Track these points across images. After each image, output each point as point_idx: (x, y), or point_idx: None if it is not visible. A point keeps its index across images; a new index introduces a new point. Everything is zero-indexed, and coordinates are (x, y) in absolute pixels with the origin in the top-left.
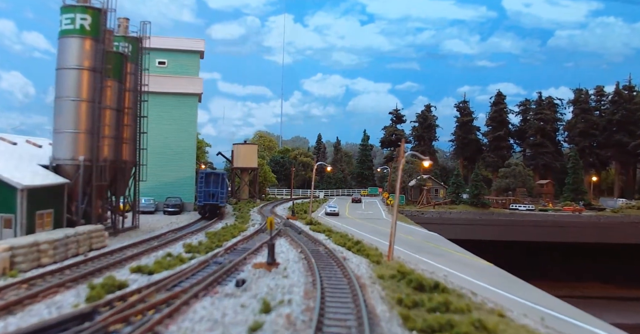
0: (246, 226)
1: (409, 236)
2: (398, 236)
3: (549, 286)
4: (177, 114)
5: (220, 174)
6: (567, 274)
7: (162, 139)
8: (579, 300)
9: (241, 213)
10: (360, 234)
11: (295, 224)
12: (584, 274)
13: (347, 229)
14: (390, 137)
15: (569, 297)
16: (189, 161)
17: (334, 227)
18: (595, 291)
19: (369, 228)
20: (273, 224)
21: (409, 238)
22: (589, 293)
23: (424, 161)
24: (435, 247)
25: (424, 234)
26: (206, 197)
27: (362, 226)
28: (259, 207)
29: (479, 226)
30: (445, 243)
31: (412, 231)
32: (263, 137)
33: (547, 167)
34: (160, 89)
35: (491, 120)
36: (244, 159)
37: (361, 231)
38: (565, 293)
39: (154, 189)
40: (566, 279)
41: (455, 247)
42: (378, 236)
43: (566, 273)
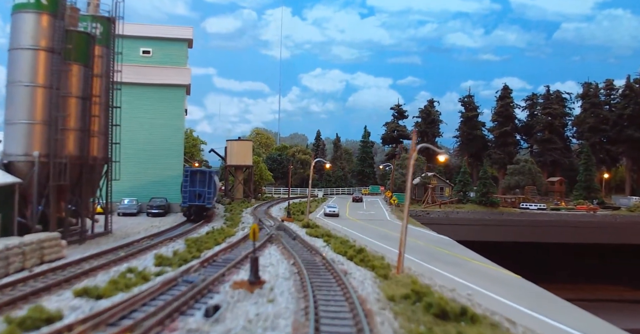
0: (235, 230)
1: (417, 241)
2: (410, 242)
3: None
4: (162, 107)
5: (207, 172)
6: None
7: (146, 134)
8: (595, 303)
9: (232, 215)
10: (363, 239)
11: (290, 227)
12: (600, 276)
13: (348, 232)
14: (392, 134)
15: (588, 301)
16: (176, 158)
17: (334, 230)
18: (618, 294)
19: (373, 231)
20: (257, 234)
21: (418, 243)
22: (609, 296)
23: (440, 154)
24: (448, 255)
25: (434, 238)
26: (191, 197)
27: (364, 228)
28: (253, 208)
29: (488, 227)
30: (459, 249)
31: (420, 234)
32: (260, 134)
33: (555, 164)
34: (144, 80)
35: (497, 115)
36: (238, 157)
37: (364, 234)
38: (584, 296)
39: (138, 188)
40: (581, 281)
41: (470, 253)
42: (383, 240)
43: (583, 275)
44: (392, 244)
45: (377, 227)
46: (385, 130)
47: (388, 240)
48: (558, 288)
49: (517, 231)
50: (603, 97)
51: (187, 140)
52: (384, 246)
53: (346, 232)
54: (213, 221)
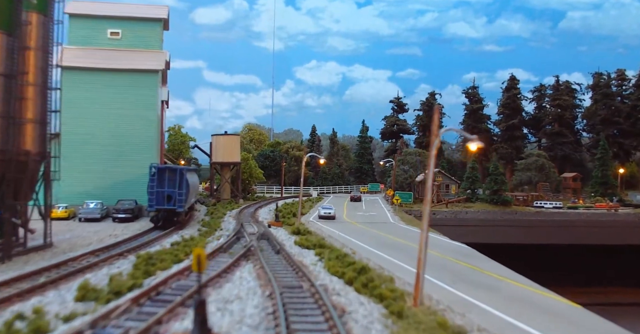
0: (209, 239)
1: (430, 250)
2: (417, 250)
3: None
4: (133, 95)
5: (178, 169)
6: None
7: (113, 127)
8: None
9: (212, 219)
10: (364, 249)
11: (277, 235)
12: (621, 279)
13: (346, 240)
14: (392, 128)
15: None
16: (149, 154)
17: (329, 237)
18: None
19: (375, 238)
20: (203, 264)
21: (432, 254)
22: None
23: (471, 142)
24: (474, 271)
25: (448, 246)
26: (159, 200)
27: (365, 234)
28: (239, 210)
29: (502, 228)
30: (484, 261)
31: (433, 242)
32: (253, 130)
33: (566, 159)
34: (111, 65)
35: (504, 107)
36: (224, 153)
37: (365, 242)
38: (604, 300)
39: (104, 189)
40: (602, 284)
41: (502, 269)
42: (389, 250)
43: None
44: (401, 255)
45: (380, 233)
46: (384, 124)
47: (395, 250)
48: (581, 292)
49: (534, 232)
50: (614, 88)
51: (175, 137)
52: (390, 259)
53: (344, 240)
54: (187, 227)
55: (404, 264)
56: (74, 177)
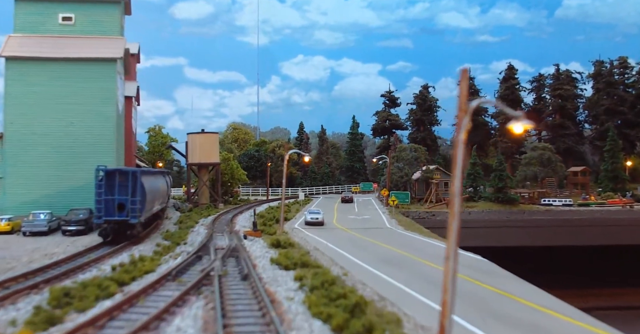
0: (165, 258)
1: (440, 266)
2: (425, 266)
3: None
4: (87, 88)
5: (130, 172)
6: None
7: (64, 125)
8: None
9: (180, 228)
10: (358, 268)
11: (252, 249)
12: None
13: (336, 254)
14: (384, 124)
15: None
16: (107, 156)
17: (315, 251)
18: None
19: (370, 249)
20: None
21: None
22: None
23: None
24: (505, 298)
25: (462, 260)
26: (108, 209)
27: (358, 244)
28: (216, 216)
29: (509, 229)
30: (513, 282)
31: (440, 253)
32: (237, 130)
33: (569, 151)
34: (61, 54)
35: (502, 99)
36: (201, 153)
37: (359, 257)
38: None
39: (55, 197)
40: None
41: (539, 294)
42: (388, 267)
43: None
44: (405, 275)
45: (376, 242)
46: (375, 120)
47: (396, 267)
48: (605, 294)
49: (545, 233)
50: (616, 77)
51: (155, 138)
52: (393, 282)
53: (333, 254)
54: (145, 241)
55: (412, 291)
56: (20, 184)
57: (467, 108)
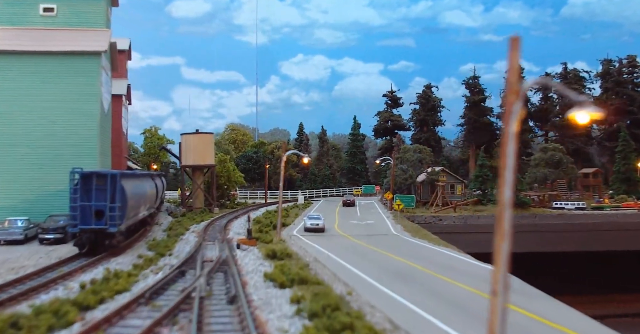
0: (145, 272)
1: (456, 281)
2: (441, 282)
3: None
4: (68, 84)
5: (109, 175)
6: None
7: (44, 124)
8: None
9: (169, 236)
10: (365, 284)
11: (244, 262)
12: None
13: (338, 266)
14: (386, 125)
15: None
16: (90, 158)
17: (315, 262)
18: None
19: (377, 261)
20: None
21: (464, 288)
22: None
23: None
24: (547, 327)
25: (482, 273)
26: (84, 217)
27: (363, 254)
28: (209, 222)
29: (520, 234)
30: (549, 304)
31: (452, 263)
32: (236, 131)
33: (577, 152)
34: (42, 48)
35: None
36: (195, 154)
37: (364, 270)
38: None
39: (33, 203)
40: None
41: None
42: (400, 283)
43: None
44: (420, 295)
45: (383, 251)
46: (377, 120)
47: (409, 283)
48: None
49: (558, 238)
50: (625, 76)
51: (151, 139)
52: (407, 304)
53: (335, 266)
54: (126, 252)
55: (430, 317)
56: None
57: (519, 90)
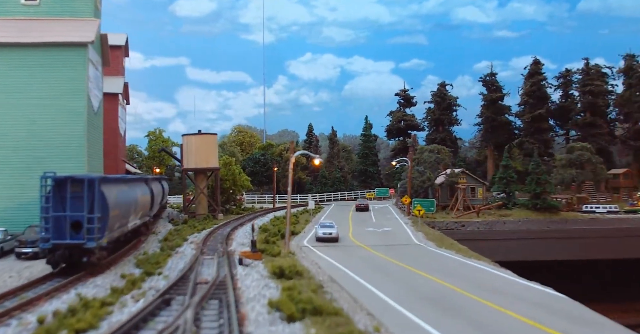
0: (122, 301)
1: (500, 308)
2: (491, 311)
3: None
4: (52, 79)
5: (86, 180)
6: None
7: (24, 124)
8: None
9: (163, 248)
10: (396, 315)
11: (245, 283)
12: None
13: (358, 287)
14: (399, 125)
15: None
16: (76, 161)
17: (331, 282)
18: None
19: (404, 280)
20: None
21: (511, 317)
22: None
23: None
24: None
25: (529, 295)
26: (59, 230)
27: (386, 271)
28: (211, 230)
29: (550, 241)
30: None
31: (494, 284)
32: (243, 132)
33: (602, 152)
34: (23, 39)
35: (527, 96)
36: (198, 157)
37: (391, 293)
38: None
39: (13, 211)
40: None
41: None
42: (439, 313)
43: None
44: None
45: (409, 267)
46: (390, 120)
47: (449, 312)
48: None
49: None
50: None
51: (155, 142)
52: None
53: (354, 288)
54: (110, 269)
55: None
56: None
57: None
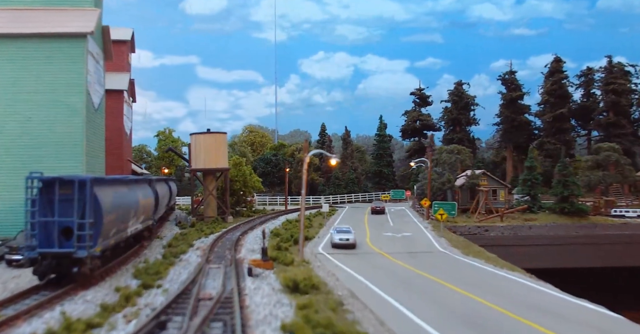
0: (110, 322)
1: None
2: None
3: None
4: (48, 72)
5: (77, 181)
6: None
7: (18, 120)
8: None
9: (164, 256)
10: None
11: (254, 299)
12: None
13: (386, 305)
14: (414, 125)
15: None
16: (73, 160)
17: (352, 298)
18: None
19: (434, 293)
20: None
21: None
22: None
23: None
24: None
25: (584, 317)
26: (47, 237)
27: (413, 285)
28: (219, 234)
29: (580, 247)
30: None
31: (548, 305)
32: (254, 132)
33: (626, 153)
34: (17, 30)
35: (548, 94)
36: (207, 157)
37: (422, 313)
38: None
39: (7, 214)
40: None
41: None
42: None
43: None
44: None
45: (437, 279)
46: (405, 120)
47: None
48: None
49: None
50: None
51: (165, 142)
52: None
53: (381, 306)
54: (106, 280)
55: None
56: None
57: None
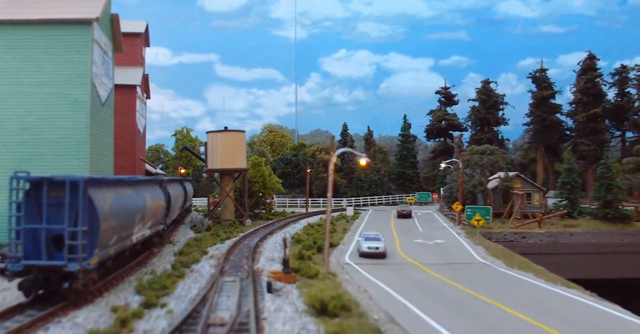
0: None
1: None
2: None
3: None
4: (50, 63)
5: (68, 182)
6: None
7: (18, 114)
8: None
9: (174, 266)
10: None
11: (275, 326)
12: None
13: (431, 330)
14: (439, 124)
15: None
16: (76, 158)
17: (390, 324)
18: None
19: (487, 318)
20: None
21: None
22: None
23: None
24: None
25: None
26: (34, 247)
27: (460, 305)
28: (236, 240)
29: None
30: None
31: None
32: (274, 132)
33: None
34: (17, 16)
35: (581, 93)
36: (224, 156)
37: None
38: None
39: (5, 217)
40: None
41: None
42: None
43: None
44: None
45: (482, 297)
46: (430, 120)
47: None
48: None
49: None
50: None
51: (182, 141)
52: None
53: None
54: (102, 297)
55: None
56: None
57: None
